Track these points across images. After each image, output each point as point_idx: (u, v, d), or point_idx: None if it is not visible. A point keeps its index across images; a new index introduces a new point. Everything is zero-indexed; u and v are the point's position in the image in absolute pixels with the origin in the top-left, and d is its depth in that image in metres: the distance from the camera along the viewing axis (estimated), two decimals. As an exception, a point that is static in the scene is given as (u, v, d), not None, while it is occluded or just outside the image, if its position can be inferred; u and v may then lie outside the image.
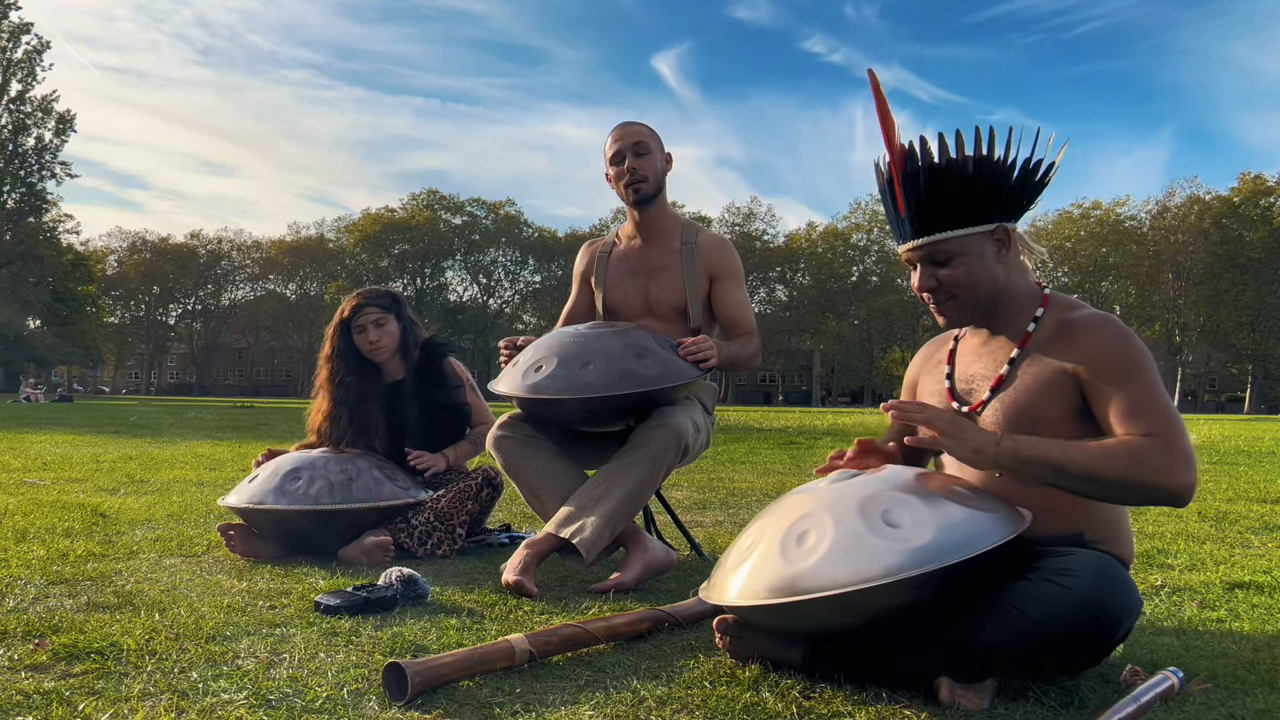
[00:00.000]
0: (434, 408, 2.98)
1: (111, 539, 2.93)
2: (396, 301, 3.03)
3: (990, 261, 1.61)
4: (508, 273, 68.90)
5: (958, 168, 1.57)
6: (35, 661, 1.59)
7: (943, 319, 1.66)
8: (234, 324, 70.02)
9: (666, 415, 2.42)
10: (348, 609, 1.96)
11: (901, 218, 1.62)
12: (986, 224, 1.59)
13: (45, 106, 48.37)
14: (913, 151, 1.60)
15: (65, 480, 4.80)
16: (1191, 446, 1.46)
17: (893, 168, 1.61)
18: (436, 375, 3.02)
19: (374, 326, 2.95)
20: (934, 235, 1.59)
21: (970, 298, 1.62)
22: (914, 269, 1.65)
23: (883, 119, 1.62)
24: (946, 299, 1.63)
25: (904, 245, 1.64)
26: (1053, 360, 1.56)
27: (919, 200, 1.59)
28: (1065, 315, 1.60)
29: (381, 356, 2.98)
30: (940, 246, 1.60)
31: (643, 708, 1.42)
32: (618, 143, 2.65)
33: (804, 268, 64.15)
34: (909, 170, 1.60)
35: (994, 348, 1.66)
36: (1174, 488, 1.42)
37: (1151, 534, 3.30)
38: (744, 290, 2.74)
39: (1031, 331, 1.61)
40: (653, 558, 2.37)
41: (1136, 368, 1.50)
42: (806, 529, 1.49)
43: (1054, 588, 1.41)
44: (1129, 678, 1.54)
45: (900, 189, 1.60)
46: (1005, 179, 1.59)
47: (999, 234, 1.61)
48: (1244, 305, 50.87)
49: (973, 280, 1.61)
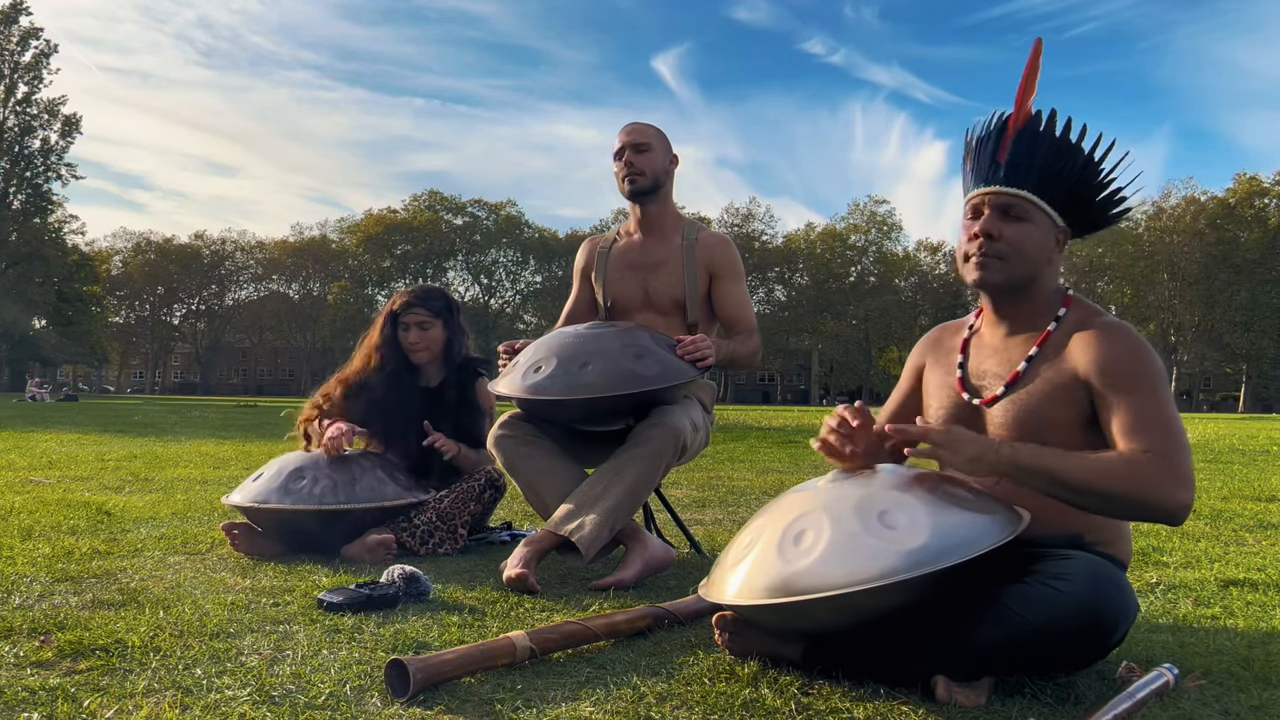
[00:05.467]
0: (459, 428, 2.93)
1: (116, 537, 2.94)
2: (448, 308, 2.98)
3: (1045, 250, 1.61)
4: (509, 273, 68.91)
5: (1074, 154, 1.59)
6: (41, 658, 1.60)
7: (978, 273, 1.61)
8: (237, 324, 70.08)
9: (665, 414, 2.44)
10: (350, 606, 1.97)
11: (999, 163, 1.60)
12: (1061, 217, 1.61)
13: (52, 109, 48.54)
14: (1042, 117, 1.60)
15: (70, 479, 4.82)
16: (1191, 466, 1.45)
17: (1014, 118, 1.61)
18: (466, 396, 2.97)
19: (417, 328, 2.93)
20: (1024, 190, 1.59)
21: (1016, 265, 1.60)
22: (974, 217, 1.62)
23: (1028, 80, 1.62)
24: (995, 255, 1.60)
25: (986, 187, 1.61)
26: (1067, 364, 1.56)
27: (1028, 156, 1.58)
28: (1085, 319, 1.60)
29: (420, 359, 2.95)
30: (1021, 203, 1.59)
31: (643, 704, 1.43)
32: (621, 140, 2.71)
33: (802, 268, 64.09)
34: (1030, 128, 1.60)
35: (1012, 345, 1.64)
36: (1170, 507, 1.42)
37: (1147, 532, 3.31)
38: (744, 288, 2.75)
39: (1052, 331, 1.60)
40: (652, 555, 2.38)
41: (1146, 379, 1.50)
42: (804, 529, 1.49)
43: (1051, 591, 1.41)
44: (1124, 674, 1.55)
45: (1013, 137, 1.60)
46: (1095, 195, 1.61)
47: (1061, 234, 1.62)
48: (1239, 305, 50.94)
49: (1028, 250, 1.59)
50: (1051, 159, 1.59)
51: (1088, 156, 1.59)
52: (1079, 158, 1.59)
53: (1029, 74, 1.62)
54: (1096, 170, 1.60)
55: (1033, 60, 1.63)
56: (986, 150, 1.63)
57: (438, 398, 2.96)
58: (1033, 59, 1.63)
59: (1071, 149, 1.59)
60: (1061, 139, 1.59)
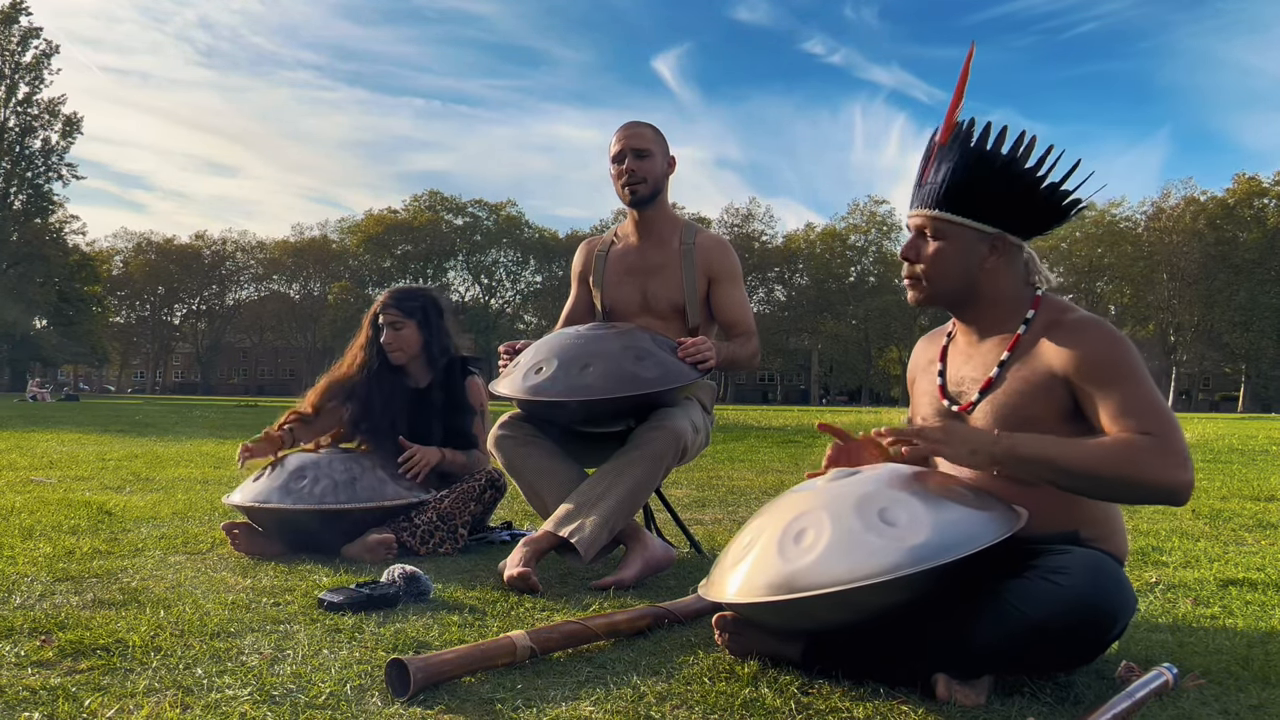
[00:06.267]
0: (447, 428, 2.93)
1: (117, 536, 2.94)
2: (423, 308, 2.96)
3: (973, 261, 1.61)
4: (509, 273, 68.91)
5: (987, 161, 1.57)
6: (42, 658, 1.61)
7: (909, 295, 1.68)
8: (238, 324, 70.12)
9: (666, 416, 2.44)
10: (351, 606, 1.98)
11: (922, 185, 1.63)
12: (987, 225, 1.59)
13: (53, 109, 48.57)
14: (962, 128, 1.60)
15: (71, 478, 4.82)
16: (1186, 445, 1.45)
17: (940, 135, 1.62)
18: (454, 396, 2.97)
19: (390, 328, 2.93)
20: (934, 210, 1.60)
21: (938, 283, 1.63)
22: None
23: (958, 91, 1.63)
24: (914, 277, 1.65)
25: (911, 211, 1.65)
26: (1042, 363, 1.56)
27: (942, 174, 1.60)
28: (1055, 318, 1.60)
29: (397, 359, 2.95)
30: (934, 222, 1.61)
31: (643, 703, 1.43)
32: (621, 142, 2.66)
33: (802, 268, 64.12)
34: (949, 143, 1.60)
35: (984, 349, 1.66)
36: (1172, 485, 1.42)
37: (1146, 531, 3.31)
38: (743, 291, 2.75)
39: (1021, 334, 1.61)
40: (652, 555, 2.39)
41: (1128, 368, 1.50)
42: (804, 527, 1.50)
43: (1050, 586, 1.41)
44: (1124, 674, 1.55)
45: (935, 157, 1.61)
46: (1025, 195, 1.59)
47: (995, 240, 1.60)
48: (1238, 305, 51.00)
49: (945, 267, 1.61)
50: (962, 174, 1.58)
51: (1005, 159, 1.58)
52: (995, 163, 1.58)
53: (959, 85, 1.63)
54: (1019, 171, 1.58)
55: (964, 69, 1.63)
56: (918, 171, 1.66)
57: (425, 398, 2.96)
58: (964, 68, 1.63)
59: (984, 157, 1.58)
60: (975, 149, 1.58)
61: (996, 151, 1.58)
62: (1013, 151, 1.58)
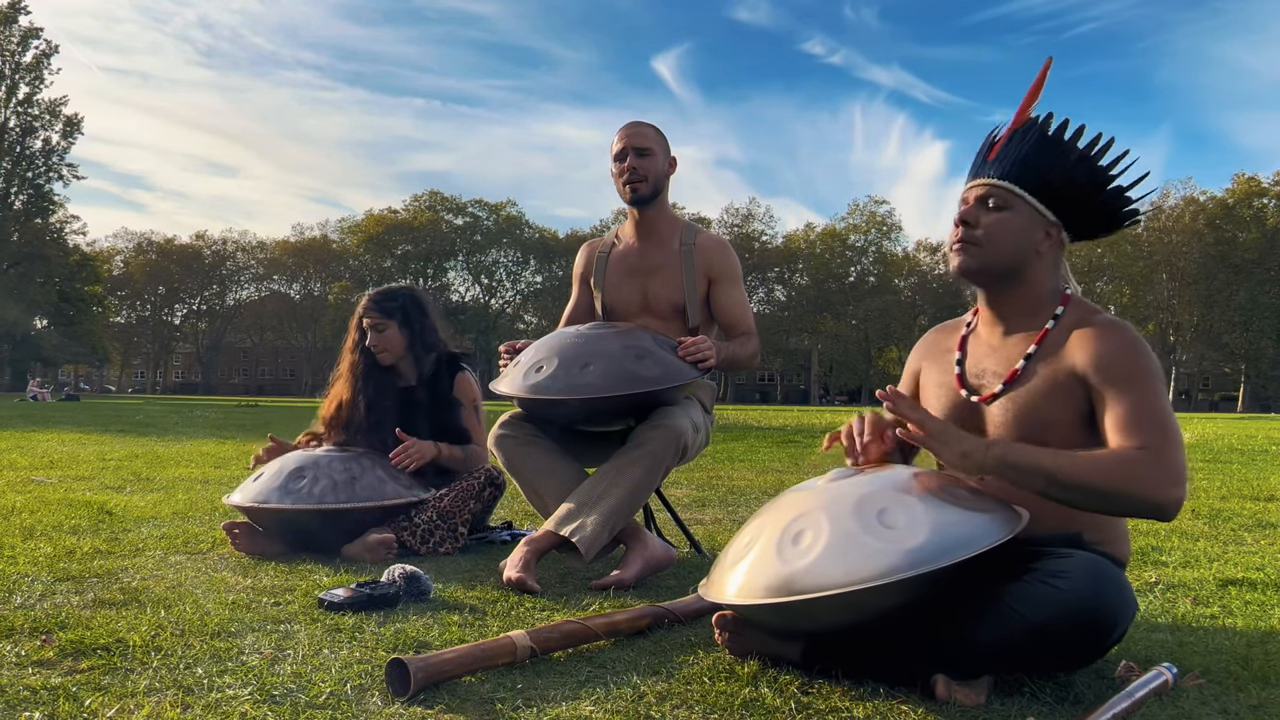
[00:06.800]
0: (436, 424, 2.94)
1: (117, 536, 2.95)
2: (402, 308, 2.96)
3: (1029, 240, 1.61)
4: (509, 273, 68.97)
5: (1065, 150, 1.60)
6: (42, 657, 1.61)
7: (956, 259, 1.64)
8: (239, 324, 70.19)
9: (666, 416, 2.44)
10: (351, 605, 1.98)
11: (988, 161, 1.64)
12: (1049, 212, 1.61)
13: (53, 109, 48.61)
14: (1038, 118, 1.63)
15: (72, 478, 4.82)
16: (1184, 462, 1.45)
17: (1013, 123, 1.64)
18: (442, 392, 2.98)
19: (373, 330, 2.95)
20: (1005, 181, 1.61)
21: (992, 252, 1.61)
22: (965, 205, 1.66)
23: (1033, 92, 1.66)
24: (971, 241, 1.62)
25: (975, 181, 1.65)
26: (1066, 361, 1.56)
27: (1014, 150, 1.62)
28: (1084, 317, 1.60)
29: (385, 360, 2.96)
30: (1001, 192, 1.61)
31: (643, 703, 1.43)
32: (623, 141, 2.67)
33: (802, 268, 64.15)
34: (1026, 127, 1.63)
35: (1010, 343, 1.65)
36: (1160, 501, 1.42)
37: (1146, 531, 3.32)
38: (743, 291, 2.76)
39: (1050, 329, 1.61)
40: (652, 555, 2.39)
41: (1141, 376, 1.50)
42: (803, 528, 1.49)
43: (1050, 589, 1.41)
44: (1124, 673, 1.55)
45: (1009, 135, 1.63)
46: (1090, 192, 1.61)
47: (1051, 227, 1.62)
48: (1237, 305, 51.07)
49: (1004, 237, 1.61)
50: (1037, 154, 1.61)
51: (1081, 153, 1.60)
52: (1071, 154, 1.60)
53: (1035, 87, 1.65)
54: (1092, 167, 1.60)
55: (1040, 77, 1.66)
56: (981, 152, 1.68)
57: (413, 396, 2.98)
58: (1041, 75, 1.66)
59: (1062, 145, 1.61)
60: (1054, 136, 1.61)
61: (1073, 145, 1.61)
62: (1089, 146, 1.60)
